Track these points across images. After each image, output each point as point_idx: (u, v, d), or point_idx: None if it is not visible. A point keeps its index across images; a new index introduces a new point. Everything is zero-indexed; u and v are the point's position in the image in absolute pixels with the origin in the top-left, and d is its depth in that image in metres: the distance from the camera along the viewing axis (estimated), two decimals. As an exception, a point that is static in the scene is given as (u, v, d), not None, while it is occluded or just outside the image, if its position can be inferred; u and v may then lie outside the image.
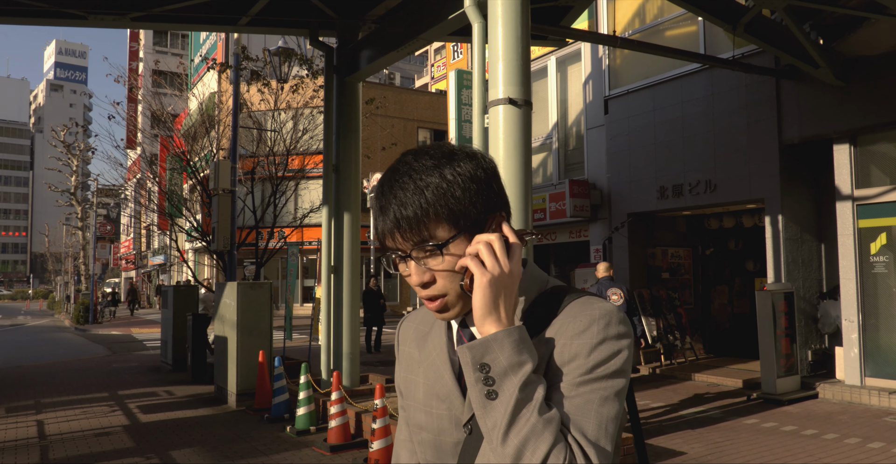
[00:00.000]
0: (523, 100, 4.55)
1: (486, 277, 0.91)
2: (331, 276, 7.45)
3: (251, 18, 7.59)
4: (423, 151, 1.00)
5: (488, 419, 0.88)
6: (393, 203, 0.96)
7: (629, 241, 10.69)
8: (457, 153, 0.99)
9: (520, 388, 0.87)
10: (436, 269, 0.97)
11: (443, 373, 1.05)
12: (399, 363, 1.18)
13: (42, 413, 7.71)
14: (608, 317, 0.94)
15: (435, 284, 0.98)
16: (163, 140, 16.81)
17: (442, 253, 0.96)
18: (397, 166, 1.00)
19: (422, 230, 0.95)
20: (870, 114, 7.67)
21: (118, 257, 50.40)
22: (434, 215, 0.94)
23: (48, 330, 24.80)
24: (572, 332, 0.94)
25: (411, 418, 1.11)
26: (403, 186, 0.96)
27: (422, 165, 0.97)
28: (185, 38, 44.47)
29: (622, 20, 11.03)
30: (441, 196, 0.94)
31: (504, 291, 0.92)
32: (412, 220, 0.94)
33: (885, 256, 7.72)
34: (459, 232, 0.96)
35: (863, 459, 5.35)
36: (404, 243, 0.97)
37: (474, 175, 0.97)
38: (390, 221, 0.97)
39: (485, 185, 0.98)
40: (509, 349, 0.89)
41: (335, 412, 5.84)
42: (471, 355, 0.90)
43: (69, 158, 33.26)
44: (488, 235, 0.94)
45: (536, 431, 0.85)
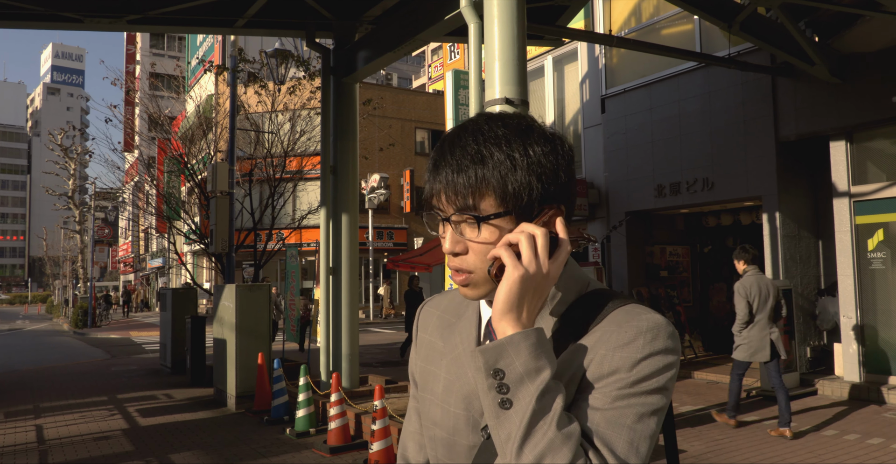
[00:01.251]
0: (520, 100, 4.55)
1: (517, 272, 0.83)
2: (329, 277, 7.45)
3: (248, 20, 7.59)
4: (499, 118, 0.94)
5: (501, 431, 0.81)
6: (449, 163, 0.91)
7: (627, 239, 10.70)
8: (534, 131, 0.92)
9: (537, 397, 0.80)
10: (470, 240, 0.91)
11: (467, 370, 0.98)
12: (416, 350, 1.11)
13: (41, 418, 7.70)
14: (656, 330, 0.86)
15: (465, 256, 0.92)
16: (160, 143, 16.80)
17: (479, 226, 0.90)
18: (466, 125, 0.94)
19: (467, 198, 0.89)
20: (866, 110, 7.69)
21: (116, 261, 50.34)
22: (486, 187, 0.89)
23: (47, 334, 24.76)
24: (616, 343, 0.86)
25: (426, 412, 1.04)
26: (465, 148, 0.90)
27: (492, 133, 0.91)
28: (182, 41, 44.44)
29: (618, 19, 11.04)
30: (499, 172, 0.88)
31: (533, 291, 0.85)
32: (461, 187, 0.89)
33: (883, 252, 7.73)
34: (506, 212, 0.89)
35: (862, 454, 5.35)
36: (447, 205, 0.92)
37: (543, 159, 0.90)
38: (440, 181, 0.92)
39: (551, 171, 0.91)
40: (526, 354, 0.81)
41: (335, 414, 5.84)
42: (483, 359, 0.82)
43: (67, 162, 33.22)
44: (534, 227, 0.87)
45: (554, 446, 0.78)
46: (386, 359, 12.21)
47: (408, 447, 1.12)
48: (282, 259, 21.01)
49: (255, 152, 13.29)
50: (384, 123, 25.93)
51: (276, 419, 6.98)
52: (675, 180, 9.87)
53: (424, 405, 1.05)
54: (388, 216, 25.93)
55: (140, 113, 18.74)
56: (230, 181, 10.68)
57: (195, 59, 32.01)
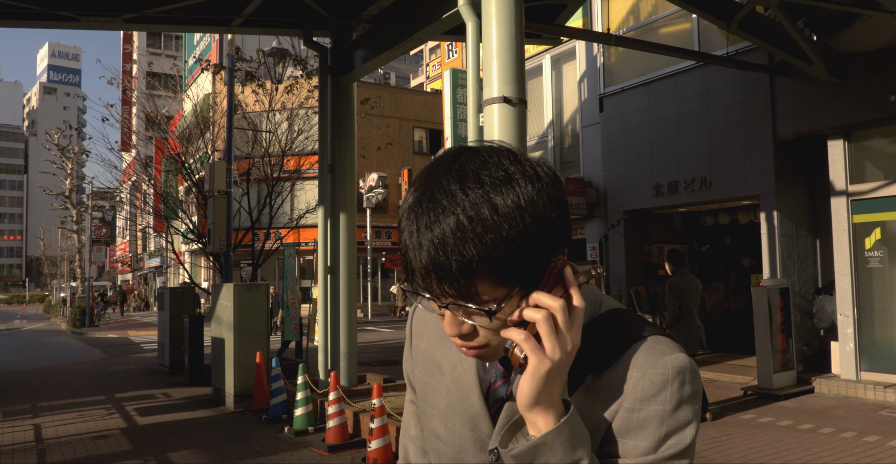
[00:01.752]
0: (518, 98, 4.55)
1: (544, 366, 0.75)
2: (327, 276, 7.44)
3: (244, 19, 7.58)
4: (471, 173, 0.77)
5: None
6: (427, 242, 0.75)
7: (625, 238, 10.71)
8: (515, 176, 0.77)
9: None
10: (479, 325, 0.80)
11: (470, 393, 0.92)
12: (412, 358, 1.05)
13: (39, 417, 7.68)
14: (683, 374, 0.80)
15: (475, 336, 0.82)
16: (157, 142, 16.78)
17: (490, 318, 0.78)
18: (434, 194, 0.77)
19: (466, 286, 0.75)
20: (864, 109, 7.70)
21: (114, 260, 50.28)
22: (484, 270, 0.74)
23: (44, 334, 24.72)
24: (642, 394, 0.80)
25: (427, 424, 1.00)
26: (443, 220, 0.75)
27: (469, 196, 0.75)
28: (179, 40, 44.38)
29: (616, 18, 11.05)
30: (492, 241, 0.74)
31: (561, 376, 0.77)
32: (453, 273, 0.74)
33: (880, 251, 7.75)
34: (513, 288, 0.77)
35: (858, 452, 5.37)
36: (439, 292, 0.78)
37: (537, 206, 0.76)
38: (423, 264, 0.77)
39: (548, 218, 0.77)
40: (561, 451, 0.75)
41: (333, 412, 5.84)
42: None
43: (63, 161, 33.16)
44: (550, 301, 0.76)
45: None
46: (384, 358, 12.21)
47: (409, 451, 1.08)
48: (280, 258, 21.02)
49: (252, 152, 13.29)
50: (382, 122, 25.92)
51: (275, 418, 6.97)
52: (673, 179, 9.88)
53: (426, 418, 1.01)
54: (387, 215, 25.93)
55: (137, 112, 18.72)
56: (228, 180, 10.68)
57: (192, 58, 31.97)
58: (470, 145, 0.83)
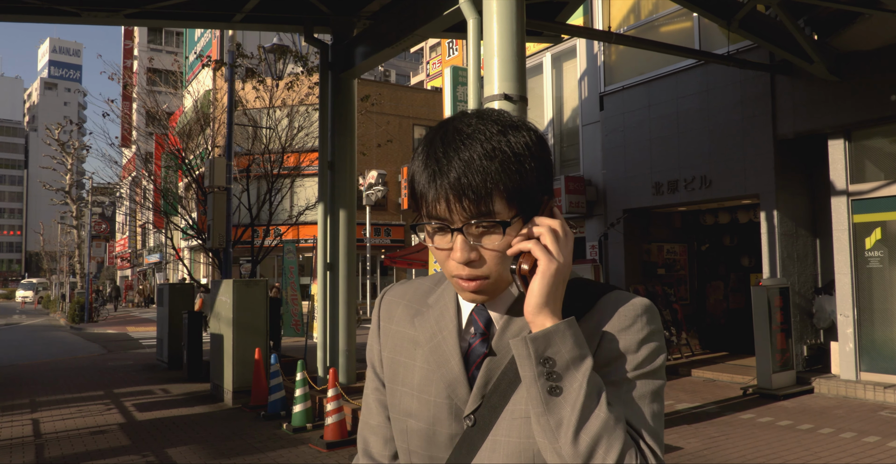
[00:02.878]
0: (518, 95, 4.54)
1: (552, 266, 0.84)
2: (327, 273, 7.44)
3: (245, 15, 7.57)
4: (486, 115, 0.90)
5: (552, 417, 0.82)
6: (456, 165, 0.85)
7: (625, 237, 10.71)
8: (519, 123, 0.90)
9: (587, 383, 0.82)
10: (489, 247, 0.87)
11: (449, 358, 0.96)
12: (381, 342, 1.07)
13: (37, 412, 7.68)
14: (649, 312, 0.91)
15: (481, 263, 0.88)
16: (158, 138, 16.76)
17: (504, 232, 0.86)
18: (459, 126, 0.88)
19: (486, 202, 0.85)
20: (864, 109, 7.69)
21: (113, 256, 50.26)
22: (502, 188, 0.85)
23: (43, 329, 24.72)
24: (617, 327, 0.89)
25: (397, 405, 1.01)
26: (471, 147, 0.85)
27: (489, 129, 0.87)
28: (180, 36, 44.32)
29: (617, 16, 11.03)
30: (510, 168, 0.85)
31: (562, 282, 0.86)
32: (478, 188, 0.84)
33: (880, 251, 7.74)
34: (519, 212, 0.87)
35: (858, 453, 5.37)
36: (459, 213, 0.86)
37: (538, 151, 0.89)
38: (450, 185, 0.85)
39: (545, 161, 0.90)
40: (571, 342, 0.83)
41: (331, 409, 5.83)
42: (533, 347, 0.83)
43: (64, 157, 33.14)
44: (551, 220, 0.87)
45: (608, 428, 0.81)
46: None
47: (370, 441, 1.09)
48: (279, 255, 20.99)
49: (252, 148, 13.27)
50: (382, 119, 25.90)
51: (273, 414, 6.97)
52: (673, 178, 9.87)
53: (396, 398, 1.02)
54: (386, 213, 25.92)
55: (137, 108, 18.69)
56: (228, 177, 10.66)
57: (193, 54, 31.93)
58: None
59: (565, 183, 11.12)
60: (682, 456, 5.36)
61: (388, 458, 1.07)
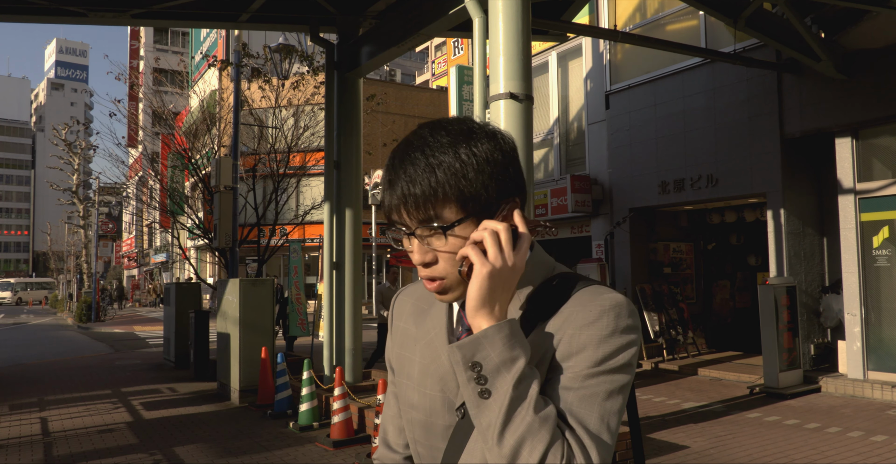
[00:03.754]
0: (524, 94, 4.54)
1: (485, 269, 0.87)
2: (333, 272, 7.45)
3: (251, 15, 7.58)
4: (441, 126, 0.97)
5: (482, 419, 0.86)
6: (402, 178, 0.93)
7: (631, 236, 10.69)
8: (476, 131, 0.95)
9: (514, 386, 0.84)
10: (439, 250, 0.94)
11: (440, 353, 1.02)
12: (392, 338, 1.15)
13: (45, 411, 7.73)
14: (618, 308, 0.91)
15: (436, 264, 0.95)
16: (164, 138, 16.82)
17: (445, 235, 0.93)
18: (411, 139, 0.97)
19: (428, 209, 0.92)
20: (872, 107, 7.65)
21: (120, 255, 50.47)
22: (443, 195, 0.91)
23: (51, 328, 24.85)
24: (581, 322, 0.90)
25: (403, 396, 1.08)
26: (415, 162, 0.93)
27: (437, 141, 0.94)
28: (186, 36, 44.44)
29: (623, 15, 11.01)
30: (452, 176, 0.91)
31: (502, 284, 0.89)
32: (419, 197, 0.91)
33: (888, 250, 7.71)
34: (468, 215, 0.92)
35: (865, 452, 5.35)
36: (409, 220, 0.94)
37: (491, 157, 0.93)
38: (397, 196, 0.94)
39: (501, 168, 0.94)
40: (500, 345, 0.86)
41: (338, 408, 5.85)
42: (461, 354, 0.87)
43: (70, 157, 33.29)
44: (496, 224, 0.90)
45: (533, 429, 0.83)
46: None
47: (388, 431, 1.17)
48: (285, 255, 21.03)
49: (258, 148, 13.30)
50: (387, 119, 25.93)
51: (280, 413, 6.99)
52: (679, 177, 9.84)
53: (402, 390, 1.09)
54: (392, 212, 25.94)
55: (144, 108, 18.76)
56: (234, 176, 10.69)
57: (199, 54, 32.02)
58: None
59: (571, 182, 11.11)
60: (688, 455, 5.35)
61: (402, 447, 1.15)
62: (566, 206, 11.12)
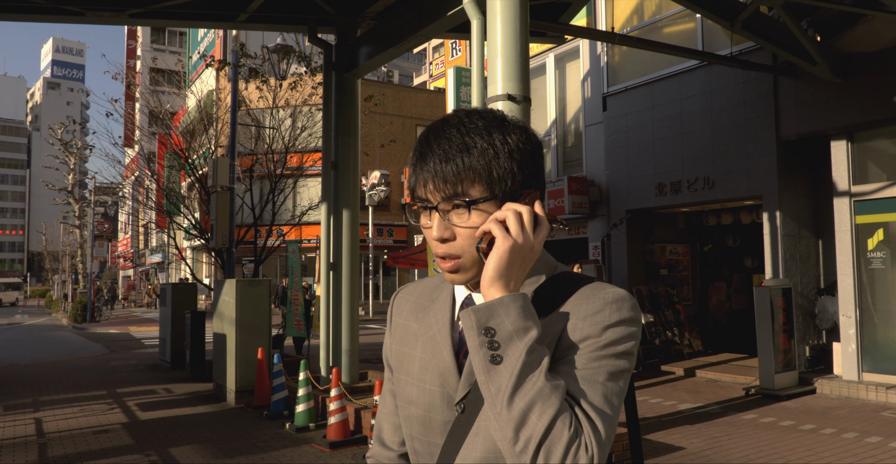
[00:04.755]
0: (522, 96, 4.55)
1: (507, 243, 0.90)
2: (330, 272, 7.45)
3: (250, 15, 7.58)
4: (476, 112, 1.00)
5: (492, 384, 0.86)
6: (436, 153, 0.96)
7: (627, 237, 10.71)
8: (508, 122, 0.99)
9: (526, 352, 0.85)
10: (459, 225, 0.96)
11: (441, 348, 1.03)
12: (392, 335, 1.15)
13: (40, 411, 7.70)
14: (621, 301, 0.94)
15: (453, 241, 0.97)
16: (161, 138, 16.79)
17: (469, 210, 0.95)
18: (449, 119, 1.00)
19: (457, 185, 0.95)
20: (867, 110, 7.69)
21: (116, 256, 50.34)
22: (473, 174, 0.94)
23: (45, 329, 24.77)
24: (585, 312, 0.93)
25: (402, 393, 1.08)
26: (450, 139, 0.96)
27: (473, 123, 0.97)
28: (183, 36, 44.37)
29: (620, 17, 11.03)
30: (484, 157, 0.94)
31: (520, 261, 0.92)
32: (450, 173, 0.94)
33: (883, 252, 7.74)
34: (492, 196, 0.95)
35: (861, 453, 5.37)
36: (435, 194, 0.97)
37: (521, 147, 0.97)
38: (428, 170, 0.97)
39: (529, 158, 0.98)
40: (515, 314, 0.87)
41: (334, 409, 5.84)
42: (475, 318, 0.88)
43: (66, 156, 33.20)
44: (520, 205, 0.94)
45: (543, 394, 0.84)
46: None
47: (383, 428, 1.17)
48: (282, 255, 20.99)
49: (255, 148, 13.28)
50: (385, 119, 25.92)
51: (276, 414, 6.98)
52: (676, 179, 9.87)
53: (400, 386, 1.09)
54: (389, 213, 25.94)
55: (141, 108, 18.72)
56: (231, 176, 10.68)
57: (196, 54, 31.99)
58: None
59: (568, 184, 11.13)
60: (684, 456, 5.36)
61: (397, 444, 1.15)
62: (563, 207, 11.14)
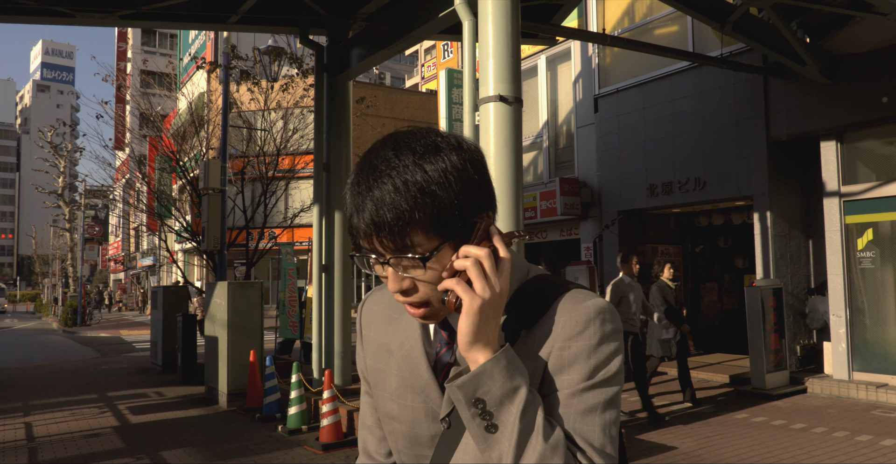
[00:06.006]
0: (514, 97, 4.56)
1: (476, 303, 0.84)
2: (322, 275, 7.43)
3: (241, 16, 7.56)
4: (405, 143, 0.90)
5: (492, 453, 0.84)
6: (369, 203, 0.86)
7: (619, 238, 10.74)
8: (441, 146, 0.89)
9: (520, 416, 0.83)
10: (418, 278, 0.89)
11: (418, 365, 0.99)
12: (364, 349, 1.11)
13: (30, 415, 7.64)
14: (602, 314, 0.90)
15: (416, 292, 0.90)
16: (152, 140, 16.71)
17: (424, 266, 0.88)
18: (374, 162, 0.89)
19: (403, 237, 0.86)
20: (856, 111, 7.75)
21: (107, 259, 50.04)
22: (416, 221, 0.85)
23: (36, 333, 24.59)
24: (569, 333, 0.89)
25: (382, 408, 1.06)
26: (381, 185, 0.86)
27: (402, 162, 0.87)
28: (174, 39, 44.23)
29: (612, 19, 11.08)
30: (423, 199, 0.85)
31: (493, 313, 0.86)
32: (391, 225, 0.85)
33: (872, 252, 7.79)
34: (444, 241, 0.87)
35: (851, 451, 5.40)
36: (381, 248, 0.88)
37: (461, 171, 0.88)
38: (365, 223, 0.87)
39: (472, 182, 0.89)
40: (500, 378, 0.84)
41: (327, 411, 5.83)
42: (462, 393, 0.85)
43: (56, 159, 32.99)
44: (477, 251, 0.86)
45: (545, 458, 0.82)
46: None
47: (367, 441, 1.15)
48: (274, 258, 20.91)
49: (247, 150, 13.25)
50: (377, 121, 25.92)
51: (268, 417, 6.96)
52: (668, 180, 9.91)
53: (380, 402, 1.07)
54: (381, 215, 25.91)
55: (131, 110, 18.63)
56: (222, 178, 10.64)
57: (187, 56, 31.87)
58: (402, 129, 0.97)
59: (560, 185, 11.15)
60: (676, 456, 5.38)
61: (384, 456, 1.13)
62: (555, 208, 11.16)
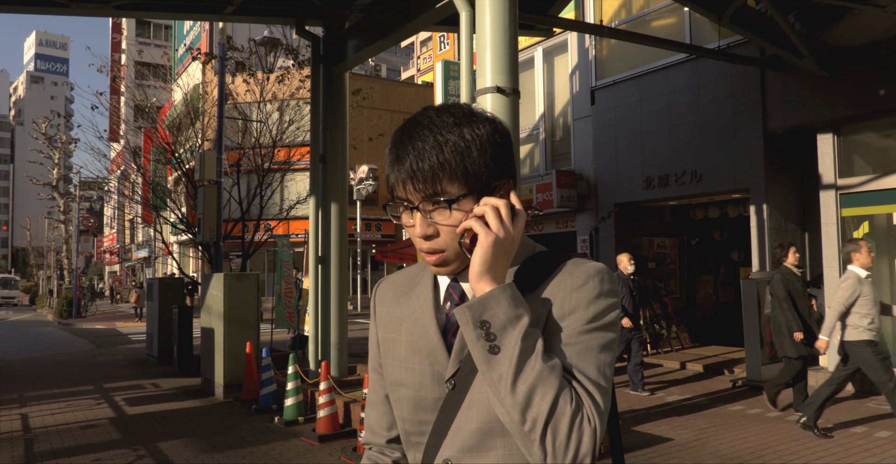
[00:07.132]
0: (511, 88, 4.55)
1: (489, 238, 0.94)
2: (318, 266, 7.42)
3: (236, 7, 7.51)
4: (445, 109, 1.03)
5: (493, 373, 0.91)
6: (411, 154, 0.99)
7: (616, 231, 10.75)
8: (477, 115, 1.02)
9: (521, 339, 0.91)
10: (441, 223, 1.00)
11: (428, 329, 1.07)
12: (376, 324, 1.19)
13: (26, 407, 7.63)
14: (602, 274, 1.00)
15: (437, 238, 1.01)
16: (147, 132, 16.63)
17: (450, 209, 0.99)
18: (419, 118, 1.02)
19: (435, 184, 0.98)
20: (853, 104, 7.74)
21: (102, 251, 49.90)
22: (449, 172, 0.97)
23: (31, 325, 24.54)
24: (570, 286, 0.99)
25: (389, 376, 1.12)
26: (423, 139, 0.99)
27: (443, 121, 1.00)
28: (169, 30, 43.96)
29: (609, 10, 11.04)
30: (458, 154, 0.97)
31: (503, 253, 0.96)
32: (427, 173, 0.97)
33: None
34: (470, 192, 0.99)
35: (846, 443, 5.43)
36: (415, 194, 1.00)
37: (491, 139, 1.00)
38: (405, 170, 0.99)
39: (500, 149, 1.01)
40: (506, 304, 0.92)
41: (323, 402, 5.83)
42: (470, 313, 0.93)
43: (51, 151, 32.81)
44: (496, 200, 0.97)
45: (543, 376, 0.89)
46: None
47: (370, 415, 1.22)
48: (270, 250, 20.89)
49: (243, 142, 13.20)
50: (373, 113, 25.84)
51: (265, 408, 6.96)
52: (664, 172, 9.91)
53: (388, 370, 1.13)
54: (377, 208, 25.87)
55: (126, 101, 18.53)
56: (218, 170, 10.61)
57: (182, 47, 31.67)
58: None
59: (556, 177, 11.14)
60: (672, 447, 5.40)
61: (385, 429, 1.20)
62: (552, 201, 11.16)
